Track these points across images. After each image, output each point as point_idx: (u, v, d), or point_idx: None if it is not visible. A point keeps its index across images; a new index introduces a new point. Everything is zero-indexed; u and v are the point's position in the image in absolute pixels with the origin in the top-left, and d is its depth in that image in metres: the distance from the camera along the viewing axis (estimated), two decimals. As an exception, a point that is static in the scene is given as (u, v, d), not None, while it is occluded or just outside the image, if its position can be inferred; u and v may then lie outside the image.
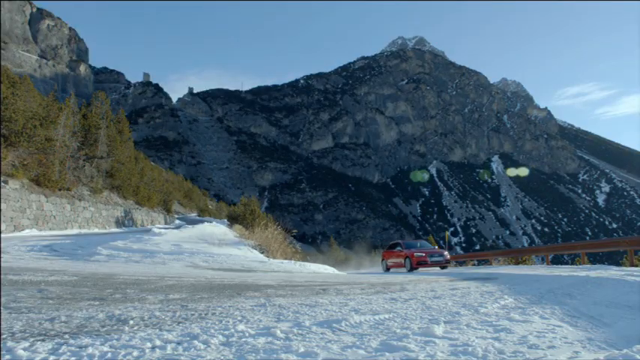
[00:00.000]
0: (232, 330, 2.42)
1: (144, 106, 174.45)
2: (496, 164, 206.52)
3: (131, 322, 2.62)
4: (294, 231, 20.34)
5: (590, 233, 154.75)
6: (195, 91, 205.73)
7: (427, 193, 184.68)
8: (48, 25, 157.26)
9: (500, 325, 2.75)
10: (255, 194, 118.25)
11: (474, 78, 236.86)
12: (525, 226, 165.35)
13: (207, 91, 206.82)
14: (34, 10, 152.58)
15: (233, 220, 33.47)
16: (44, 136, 24.96)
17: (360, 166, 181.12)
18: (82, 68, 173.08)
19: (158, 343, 2.11)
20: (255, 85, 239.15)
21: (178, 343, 2.10)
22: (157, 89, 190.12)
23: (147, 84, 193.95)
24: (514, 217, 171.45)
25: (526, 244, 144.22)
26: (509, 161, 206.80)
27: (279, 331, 2.39)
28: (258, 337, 2.29)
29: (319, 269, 10.93)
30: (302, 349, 2.03)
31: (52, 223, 23.49)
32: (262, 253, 12.41)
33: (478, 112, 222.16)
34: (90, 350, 1.95)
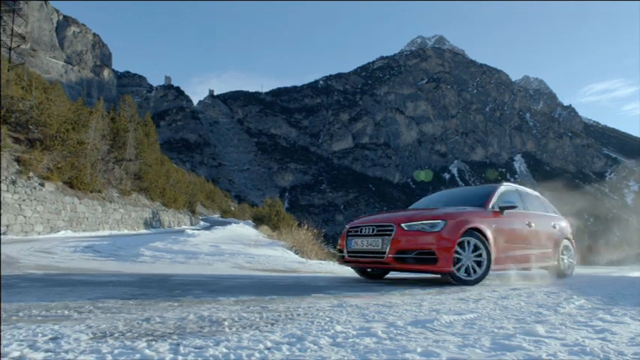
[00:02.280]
0: (332, 331, 2.39)
1: (166, 108, 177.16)
2: (519, 163, 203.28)
3: (226, 323, 2.61)
4: (323, 231, 20.29)
5: (617, 233, 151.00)
6: (215, 94, 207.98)
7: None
8: (73, 31, 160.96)
9: (596, 325, 2.66)
10: (276, 195, 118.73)
11: (495, 76, 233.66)
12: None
13: (227, 94, 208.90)
14: (61, 17, 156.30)
15: (258, 221, 33.65)
16: (76, 140, 25.51)
17: (381, 167, 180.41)
18: (106, 73, 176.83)
19: (269, 344, 2.09)
20: (275, 87, 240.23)
21: (289, 344, 2.07)
22: (179, 92, 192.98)
23: (168, 87, 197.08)
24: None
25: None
26: (532, 160, 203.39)
27: (380, 332, 2.35)
28: (362, 337, 2.25)
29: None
30: (419, 349, 1.99)
31: (85, 224, 23.96)
32: (297, 254, 12.43)
33: (500, 111, 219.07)
34: (211, 351, 1.95)
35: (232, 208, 72.46)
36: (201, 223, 40.74)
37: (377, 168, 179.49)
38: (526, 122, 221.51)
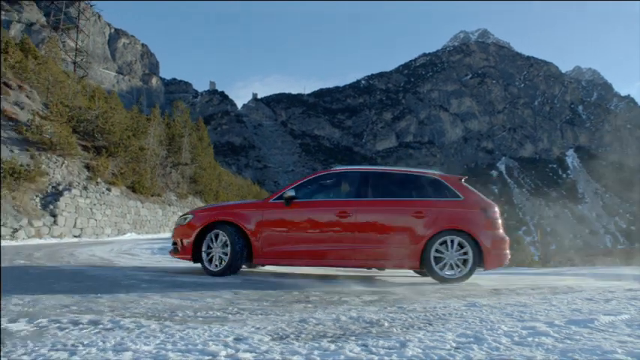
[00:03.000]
0: (501, 330, 2.41)
1: (211, 113, 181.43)
2: (571, 158, 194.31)
3: (386, 323, 2.65)
4: None
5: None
6: (259, 97, 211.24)
7: (496, 190, 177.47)
8: (124, 43, 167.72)
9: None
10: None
11: (544, 68, 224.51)
12: (608, 224, 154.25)
13: (270, 97, 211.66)
14: (112, 30, 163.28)
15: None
16: (138, 146, 26.49)
17: (426, 165, 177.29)
18: (154, 81, 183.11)
19: (454, 344, 2.13)
20: (317, 88, 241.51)
21: (460, 343, 2.11)
22: (223, 97, 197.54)
23: (213, 92, 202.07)
24: (594, 214, 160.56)
25: (609, 244, 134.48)
26: (586, 155, 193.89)
27: (551, 331, 2.35)
28: (540, 336, 2.26)
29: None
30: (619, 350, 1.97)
31: (148, 227, 24.86)
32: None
33: (549, 105, 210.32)
34: (410, 352, 1.98)
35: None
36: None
37: (422, 167, 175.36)
38: (578, 115, 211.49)
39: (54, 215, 17.28)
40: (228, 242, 5.36)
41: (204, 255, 5.54)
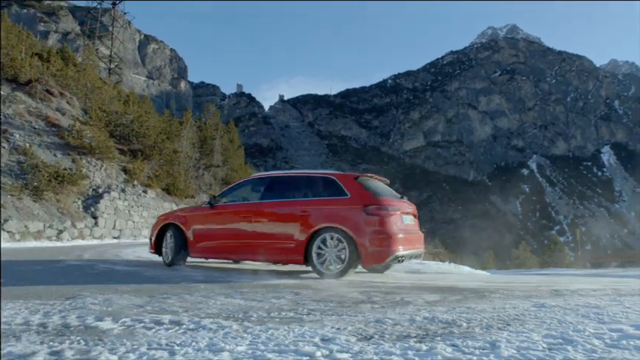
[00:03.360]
0: (589, 332, 2.37)
1: (238, 115, 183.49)
2: (607, 155, 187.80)
3: (464, 324, 2.63)
4: (424, 231, 19.84)
5: None
6: (285, 99, 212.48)
7: (527, 189, 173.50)
8: (153, 48, 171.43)
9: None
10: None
11: (577, 63, 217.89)
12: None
13: (297, 98, 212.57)
14: (142, 36, 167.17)
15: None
16: (172, 149, 27.00)
17: (454, 164, 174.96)
18: (182, 85, 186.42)
19: (545, 345, 2.10)
20: (344, 89, 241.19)
21: (566, 345, 2.08)
22: (250, 99, 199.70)
23: (240, 95, 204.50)
24: (632, 213, 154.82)
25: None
26: (623, 151, 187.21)
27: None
28: (634, 339, 2.20)
29: (470, 270, 10.58)
30: None
31: (183, 228, 25.16)
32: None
33: (583, 100, 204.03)
34: (505, 353, 1.96)
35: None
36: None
37: (450, 166, 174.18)
38: (615, 111, 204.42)
39: (95, 217, 17.79)
40: (173, 240, 6.72)
41: (162, 250, 7.06)
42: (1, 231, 12.51)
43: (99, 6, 37.21)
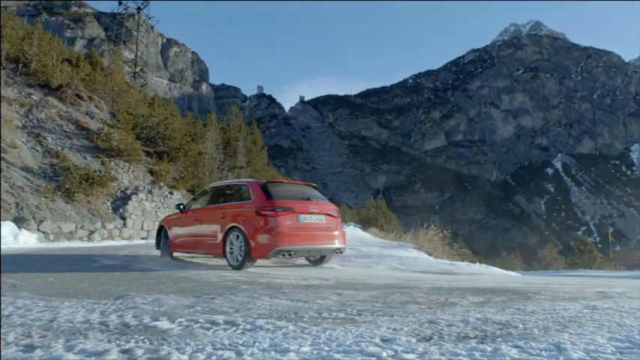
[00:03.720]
0: None
1: (259, 117, 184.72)
2: (637, 154, 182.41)
3: (520, 325, 2.59)
4: (450, 231, 19.74)
5: None
6: (306, 99, 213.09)
7: (552, 189, 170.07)
8: (175, 52, 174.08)
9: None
10: (369, 197, 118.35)
11: (604, 58, 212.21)
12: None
13: (317, 99, 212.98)
14: (164, 40, 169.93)
15: (364, 223, 33.64)
16: (197, 151, 27.33)
17: (477, 164, 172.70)
18: (204, 87, 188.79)
19: (613, 348, 2.06)
20: (364, 89, 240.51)
21: (636, 348, 2.04)
22: (271, 100, 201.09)
23: (261, 96, 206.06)
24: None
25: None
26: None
27: None
28: None
29: (501, 271, 10.45)
30: None
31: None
32: (430, 255, 12.21)
33: (610, 97, 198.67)
34: (575, 355, 1.93)
35: (329, 211, 73.49)
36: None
37: (472, 166, 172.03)
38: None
39: (123, 218, 18.13)
40: (162, 238, 8.76)
41: (160, 245, 8.90)
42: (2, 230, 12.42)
43: (124, 12, 37.97)
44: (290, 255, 6.50)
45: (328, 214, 7.09)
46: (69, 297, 3.56)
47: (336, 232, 7.14)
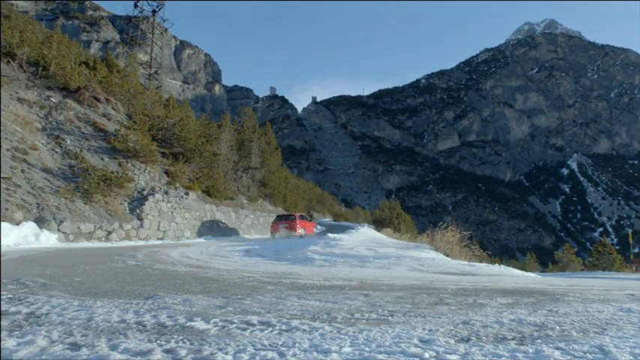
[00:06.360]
0: None
1: (272, 117, 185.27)
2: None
3: (556, 327, 2.57)
4: (469, 233, 19.54)
5: None
6: (318, 100, 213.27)
7: (567, 189, 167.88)
8: (188, 53, 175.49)
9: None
10: (382, 198, 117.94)
11: (621, 56, 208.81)
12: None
13: (329, 99, 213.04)
14: (178, 42, 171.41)
15: (378, 224, 33.52)
16: (212, 152, 27.49)
17: (490, 164, 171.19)
18: (217, 88, 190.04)
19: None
20: (377, 89, 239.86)
21: None
22: (283, 101, 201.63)
23: (273, 97, 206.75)
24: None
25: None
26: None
27: None
28: None
29: (521, 272, 10.34)
30: None
31: (223, 230, 25.64)
32: (447, 256, 12.14)
33: (628, 95, 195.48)
34: (623, 358, 1.90)
35: (342, 212, 73.46)
36: (318, 226, 41.56)
37: (486, 166, 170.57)
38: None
39: (140, 219, 18.29)
40: None
41: None
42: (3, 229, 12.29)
43: (139, 14, 38.44)
44: None
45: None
46: (100, 297, 3.60)
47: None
